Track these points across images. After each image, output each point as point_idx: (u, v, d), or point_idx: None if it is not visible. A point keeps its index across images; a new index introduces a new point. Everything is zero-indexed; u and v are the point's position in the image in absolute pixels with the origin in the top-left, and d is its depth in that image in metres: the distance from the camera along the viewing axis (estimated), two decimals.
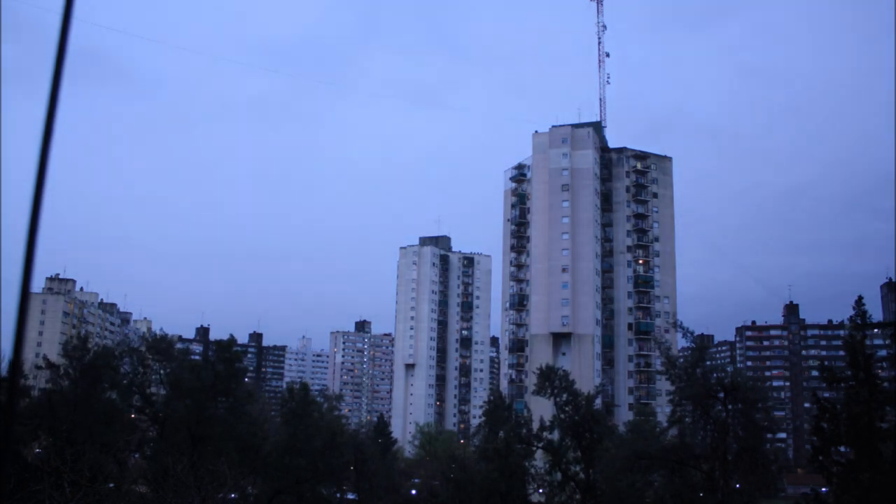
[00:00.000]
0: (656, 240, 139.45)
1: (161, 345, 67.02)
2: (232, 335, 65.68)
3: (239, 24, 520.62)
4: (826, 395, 44.08)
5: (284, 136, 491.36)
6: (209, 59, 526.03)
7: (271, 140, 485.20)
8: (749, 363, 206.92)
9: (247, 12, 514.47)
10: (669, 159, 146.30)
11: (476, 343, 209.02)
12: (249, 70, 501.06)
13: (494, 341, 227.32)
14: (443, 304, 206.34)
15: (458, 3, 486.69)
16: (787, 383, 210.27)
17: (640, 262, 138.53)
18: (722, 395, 50.51)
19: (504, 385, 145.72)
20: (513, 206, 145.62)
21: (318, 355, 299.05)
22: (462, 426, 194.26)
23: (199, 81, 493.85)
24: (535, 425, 66.03)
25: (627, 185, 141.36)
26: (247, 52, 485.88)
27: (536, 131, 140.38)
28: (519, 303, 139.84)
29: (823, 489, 42.69)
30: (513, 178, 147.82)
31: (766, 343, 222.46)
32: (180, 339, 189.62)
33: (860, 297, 41.45)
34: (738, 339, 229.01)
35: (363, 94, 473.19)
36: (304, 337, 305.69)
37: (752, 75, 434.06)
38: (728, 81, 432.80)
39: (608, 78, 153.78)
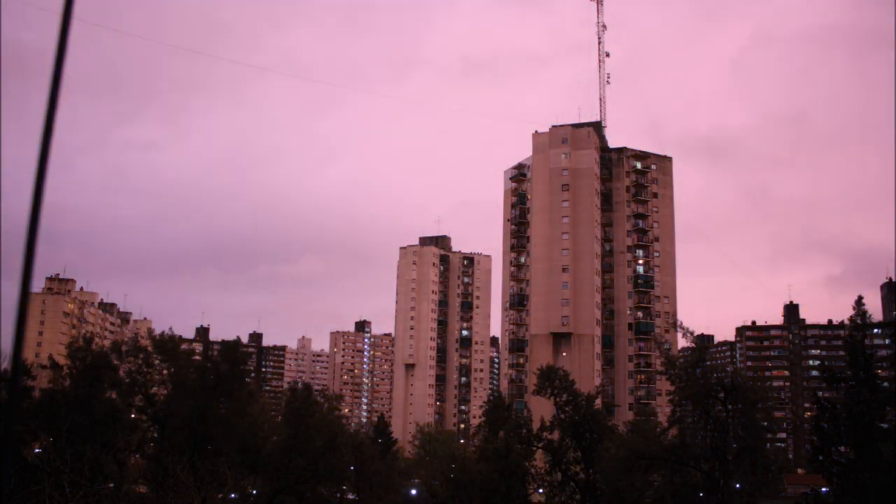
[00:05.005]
0: (656, 240, 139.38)
1: (168, 345, 66.55)
2: (238, 337, 65.96)
3: (240, 31, 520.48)
4: (826, 395, 44.11)
5: (283, 134, 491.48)
6: (208, 59, 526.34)
7: (269, 138, 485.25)
8: (749, 363, 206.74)
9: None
10: (669, 159, 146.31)
11: (476, 343, 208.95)
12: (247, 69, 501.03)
13: (494, 341, 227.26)
14: (443, 304, 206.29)
15: (460, 3, 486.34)
16: (787, 383, 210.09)
17: (640, 262, 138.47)
18: (722, 395, 50.54)
19: (504, 385, 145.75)
20: (513, 206, 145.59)
21: (318, 355, 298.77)
22: (462, 426, 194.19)
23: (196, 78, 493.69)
24: (535, 425, 65.98)
25: (627, 185, 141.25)
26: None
27: (536, 131, 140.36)
28: (519, 303, 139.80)
29: (823, 489, 42.73)
30: (513, 178, 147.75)
31: (766, 343, 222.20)
32: (181, 339, 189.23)
33: (860, 297, 41.56)
34: (738, 339, 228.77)
35: (362, 94, 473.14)
36: (304, 337, 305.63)
37: (751, 75, 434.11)
38: (729, 81, 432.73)
39: (608, 78, 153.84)
